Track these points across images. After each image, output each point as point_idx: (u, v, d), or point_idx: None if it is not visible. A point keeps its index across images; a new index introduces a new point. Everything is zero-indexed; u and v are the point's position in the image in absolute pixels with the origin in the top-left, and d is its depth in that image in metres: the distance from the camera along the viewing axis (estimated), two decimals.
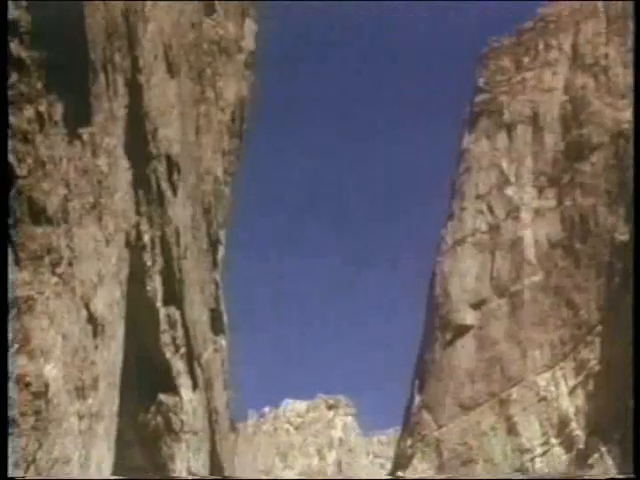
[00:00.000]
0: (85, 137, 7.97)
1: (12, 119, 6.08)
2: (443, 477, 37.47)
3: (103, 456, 8.81)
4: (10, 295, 5.97)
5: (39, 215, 6.65)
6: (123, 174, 10.16)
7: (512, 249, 46.42)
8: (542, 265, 43.95)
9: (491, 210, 49.45)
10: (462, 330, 47.85)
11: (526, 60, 50.18)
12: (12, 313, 6.00)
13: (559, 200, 44.27)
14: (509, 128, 49.92)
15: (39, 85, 6.54)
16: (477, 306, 47.63)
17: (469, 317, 47.80)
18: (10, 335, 5.96)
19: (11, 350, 5.96)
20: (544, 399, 39.98)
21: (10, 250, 6.05)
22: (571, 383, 38.63)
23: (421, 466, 46.30)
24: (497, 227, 48.41)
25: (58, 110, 7.08)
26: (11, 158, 6.03)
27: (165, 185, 12.87)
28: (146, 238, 11.86)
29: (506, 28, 53.27)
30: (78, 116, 7.70)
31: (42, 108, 6.65)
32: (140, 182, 11.38)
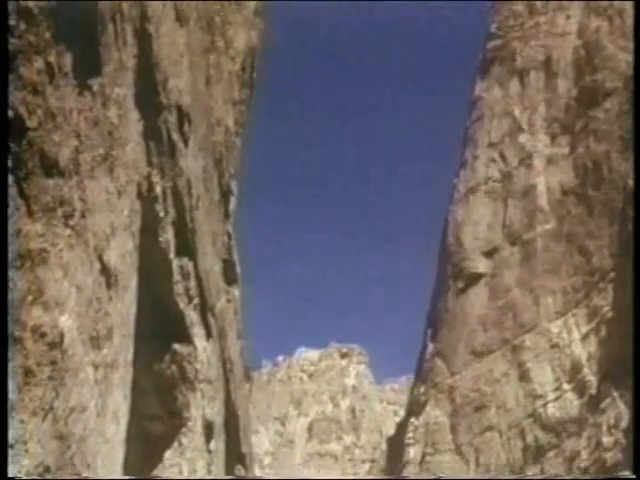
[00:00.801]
0: (95, 88, 7.92)
1: (21, 70, 6.04)
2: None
3: (119, 405, 8.90)
4: (23, 248, 5.99)
5: (50, 167, 6.64)
6: (134, 125, 10.12)
7: (525, 197, 46.27)
8: (555, 212, 43.81)
9: (504, 158, 49.19)
10: (475, 278, 47.94)
11: (539, 4, 49.51)
12: (26, 265, 6.02)
13: (572, 147, 43.96)
14: (522, 74, 49.43)
15: (47, 35, 6.48)
16: (490, 254, 47.64)
17: (482, 265, 47.85)
18: (24, 287, 5.98)
19: (26, 301, 5.99)
20: (556, 345, 40.12)
21: (22, 202, 6.05)
22: (584, 329, 38.72)
23: (434, 413, 46.71)
24: (510, 175, 48.21)
25: (67, 61, 7.03)
26: (21, 110, 6.01)
27: (176, 136, 12.82)
28: (158, 189, 11.85)
29: None
30: (87, 67, 7.65)
31: (51, 59, 6.60)
32: (151, 133, 11.34)
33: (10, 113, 5.81)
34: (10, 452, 5.54)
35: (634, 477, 15.26)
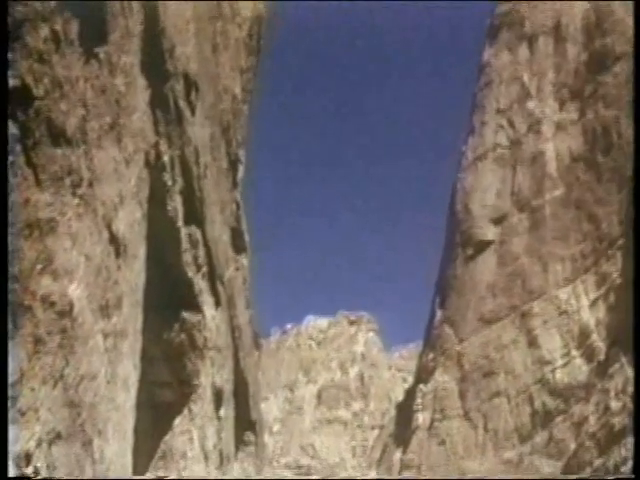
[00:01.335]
0: (101, 56, 7.89)
1: (27, 38, 6.01)
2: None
3: (129, 372, 8.95)
4: (31, 217, 5.99)
5: (58, 136, 6.63)
6: (141, 93, 10.08)
7: (533, 163, 46.04)
8: (563, 179, 43.61)
9: (512, 124, 48.90)
10: (483, 245, 47.86)
11: None
12: (34, 234, 6.02)
13: (581, 113, 43.64)
14: (530, 40, 48.99)
15: (53, 3, 6.44)
16: (498, 221, 47.52)
17: (490, 232, 47.74)
18: (33, 256, 6.00)
19: (35, 270, 6.00)
20: (565, 312, 40.10)
21: (30, 172, 6.04)
22: (592, 296, 38.67)
23: (442, 379, 46.87)
24: (518, 141, 47.95)
25: (73, 29, 6.99)
26: (28, 79, 5.98)
27: (183, 104, 12.78)
28: (165, 158, 11.83)
29: None
30: (94, 35, 7.61)
31: (57, 27, 6.57)
32: (158, 101, 11.30)
33: (17, 82, 5.79)
34: (21, 419, 5.58)
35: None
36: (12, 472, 5.46)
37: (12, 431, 5.44)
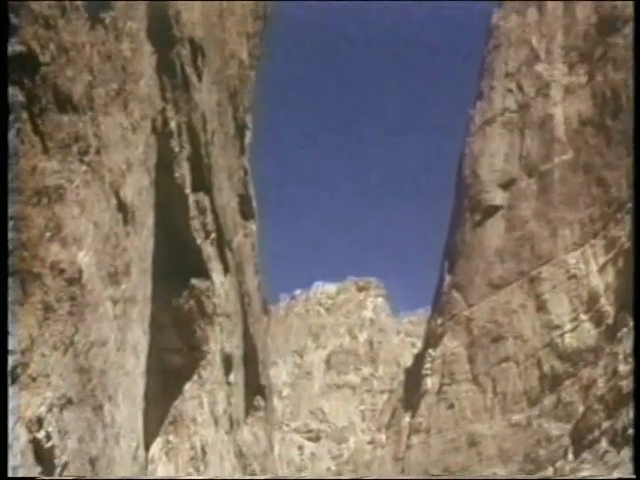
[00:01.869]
0: (107, 21, 7.85)
1: (33, 4, 5.97)
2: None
3: (138, 339, 9.00)
4: (39, 185, 6.00)
5: (65, 103, 6.61)
6: (147, 59, 10.04)
7: (542, 127, 45.82)
8: (572, 143, 43.42)
9: (520, 88, 48.61)
10: (492, 210, 47.80)
11: None
12: (43, 202, 6.03)
13: (590, 75, 43.33)
14: (540, 2, 48.56)
15: None
16: (506, 186, 47.41)
17: (498, 197, 47.66)
18: (42, 223, 6.01)
19: (44, 238, 6.02)
20: (574, 276, 40.12)
21: (37, 139, 6.04)
22: (601, 260, 38.66)
23: (451, 344, 47.05)
24: (527, 105, 47.69)
25: None
26: (34, 45, 5.95)
27: (190, 70, 12.72)
28: (172, 124, 11.80)
29: None
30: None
31: None
32: (164, 67, 11.25)
33: (22, 48, 5.77)
34: (32, 385, 5.63)
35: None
36: (24, 437, 5.51)
37: (23, 396, 5.49)
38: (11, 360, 5.32)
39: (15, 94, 5.62)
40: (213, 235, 15.42)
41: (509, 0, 51.36)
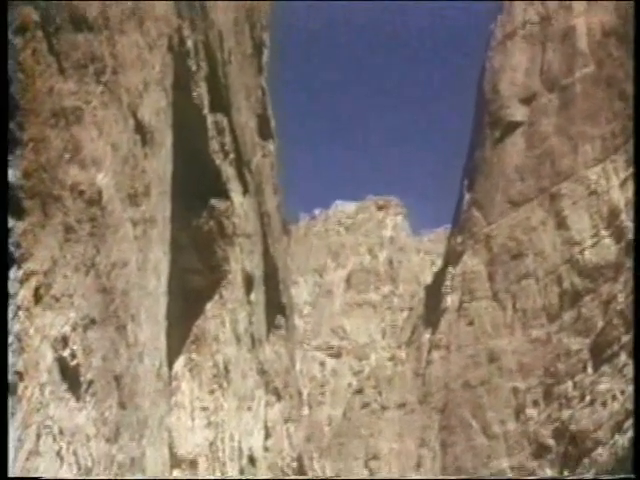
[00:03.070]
0: None
1: None
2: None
3: (159, 259, 9.07)
4: (56, 106, 5.98)
5: (80, 22, 6.54)
6: None
7: (564, 40, 45.05)
8: (595, 55, 42.69)
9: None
10: (512, 127, 47.39)
11: None
12: (60, 124, 6.03)
13: None
14: None
15: None
16: (527, 101, 46.88)
17: (519, 113, 47.19)
18: (60, 145, 6.02)
19: (63, 160, 6.03)
20: (595, 192, 39.92)
21: (53, 59, 6.00)
22: (622, 175, 38.37)
23: (471, 261, 47.19)
24: (548, 17, 46.83)
25: None
26: None
27: None
28: (189, 43, 11.68)
29: None
30: None
31: None
32: None
33: None
34: (56, 305, 5.71)
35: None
36: (50, 355, 5.61)
37: (47, 316, 5.57)
38: (34, 281, 5.39)
39: (29, 13, 5.57)
40: (232, 156, 15.39)
41: None
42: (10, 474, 4.90)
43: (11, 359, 4.98)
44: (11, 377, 4.96)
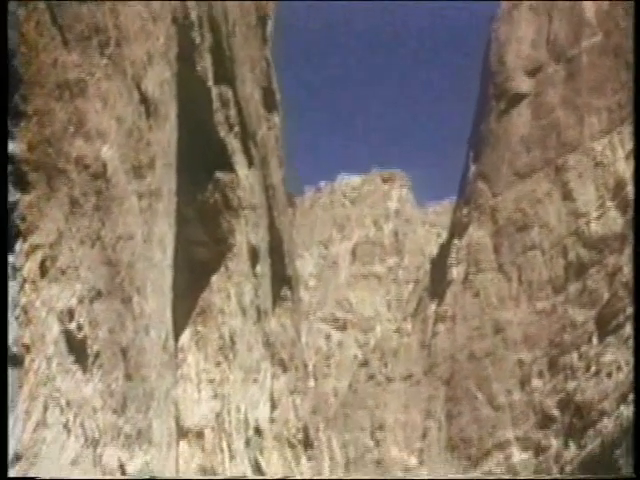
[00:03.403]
0: None
1: None
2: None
3: (164, 232, 9.08)
4: (60, 78, 5.96)
5: None
6: None
7: (570, 10, 44.68)
8: (602, 25, 42.35)
9: None
10: (518, 98, 47.13)
11: None
12: (65, 96, 6.01)
13: None
14: None
15: None
16: (533, 73, 46.59)
17: (525, 85, 46.91)
18: (65, 118, 6.00)
19: (68, 132, 6.02)
20: (600, 164, 39.76)
21: (57, 32, 5.98)
22: (628, 147, 38.17)
23: (477, 233, 47.13)
24: None
25: None
26: None
27: None
28: (193, 15, 11.62)
29: None
30: None
31: None
32: None
33: None
34: (62, 277, 5.72)
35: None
36: (56, 328, 5.63)
37: (54, 289, 5.59)
38: (40, 254, 5.40)
39: None
40: (237, 128, 15.36)
41: None
42: (18, 446, 4.93)
43: (17, 332, 5.00)
44: (17, 349, 4.99)
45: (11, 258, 5.00)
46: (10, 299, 4.93)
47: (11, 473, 4.80)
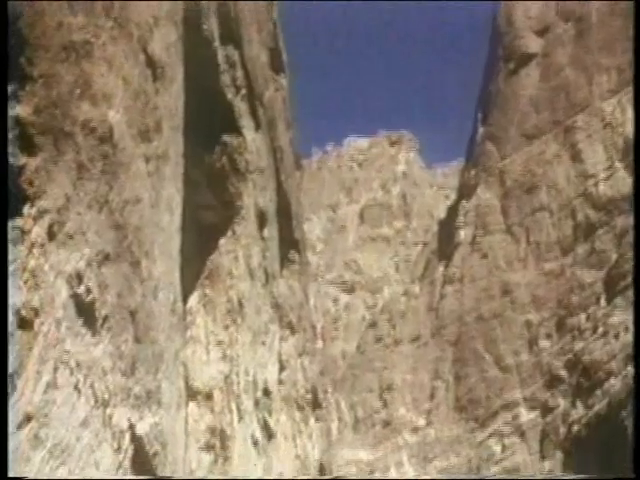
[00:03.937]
0: None
1: None
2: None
3: (172, 196, 9.08)
4: (65, 40, 5.94)
5: None
6: None
7: None
8: None
9: None
10: (526, 58, 46.76)
11: None
12: (71, 58, 5.99)
13: None
14: None
15: None
16: (542, 33, 46.18)
17: (533, 44, 46.52)
18: (71, 80, 5.98)
19: (74, 95, 6.00)
20: (609, 125, 39.53)
21: None
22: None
23: (485, 195, 47.03)
24: None
25: None
26: None
27: None
28: None
29: None
30: None
31: None
32: None
33: None
34: (70, 242, 5.74)
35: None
36: (65, 291, 5.66)
37: (62, 253, 5.61)
38: (47, 219, 5.41)
39: None
40: (243, 90, 15.28)
41: None
42: (29, 407, 4.98)
43: (26, 295, 5.03)
44: (26, 313, 5.02)
45: (19, 222, 5.01)
46: (19, 263, 4.95)
47: (21, 435, 4.85)
